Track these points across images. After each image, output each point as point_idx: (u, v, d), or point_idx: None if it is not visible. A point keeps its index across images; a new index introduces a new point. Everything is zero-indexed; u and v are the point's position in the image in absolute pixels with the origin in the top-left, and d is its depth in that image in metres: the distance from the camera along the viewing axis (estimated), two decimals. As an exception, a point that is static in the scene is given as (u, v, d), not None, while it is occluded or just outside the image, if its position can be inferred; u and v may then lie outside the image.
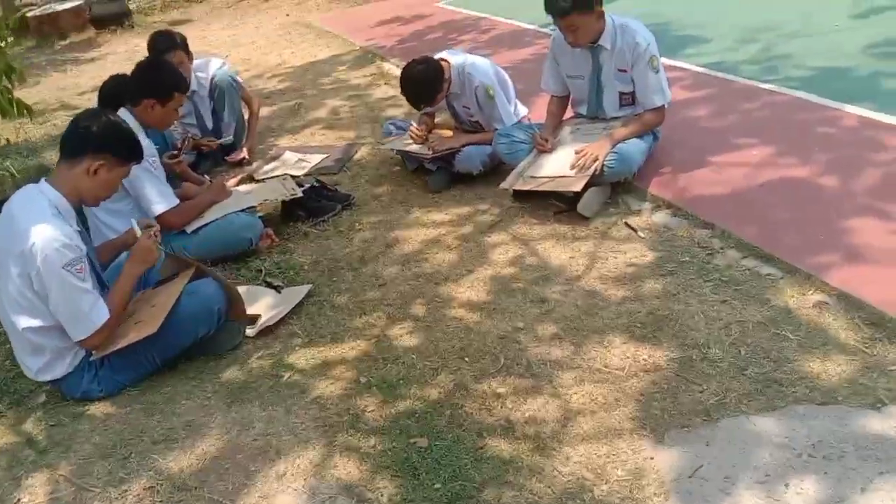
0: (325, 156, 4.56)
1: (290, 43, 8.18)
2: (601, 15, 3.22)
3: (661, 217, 3.18)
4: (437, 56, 3.84)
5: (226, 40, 9.01)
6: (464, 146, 3.78)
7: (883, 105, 3.69)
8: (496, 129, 3.78)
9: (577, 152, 3.34)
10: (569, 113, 3.78)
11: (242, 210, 3.46)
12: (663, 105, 3.37)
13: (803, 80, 4.23)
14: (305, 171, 4.37)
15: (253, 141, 4.74)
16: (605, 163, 3.24)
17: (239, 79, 4.68)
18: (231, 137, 4.70)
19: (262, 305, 3.01)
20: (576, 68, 3.50)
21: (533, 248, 3.15)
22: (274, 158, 4.63)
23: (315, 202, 3.75)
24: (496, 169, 3.83)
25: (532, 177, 3.38)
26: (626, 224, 3.18)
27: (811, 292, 2.54)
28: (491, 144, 3.71)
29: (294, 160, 4.56)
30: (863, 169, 3.18)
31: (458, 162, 3.77)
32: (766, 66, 4.57)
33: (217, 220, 3.34)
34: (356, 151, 4.59)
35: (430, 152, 3.76)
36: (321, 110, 5.54)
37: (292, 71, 6.88)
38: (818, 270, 2.60)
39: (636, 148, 3.30)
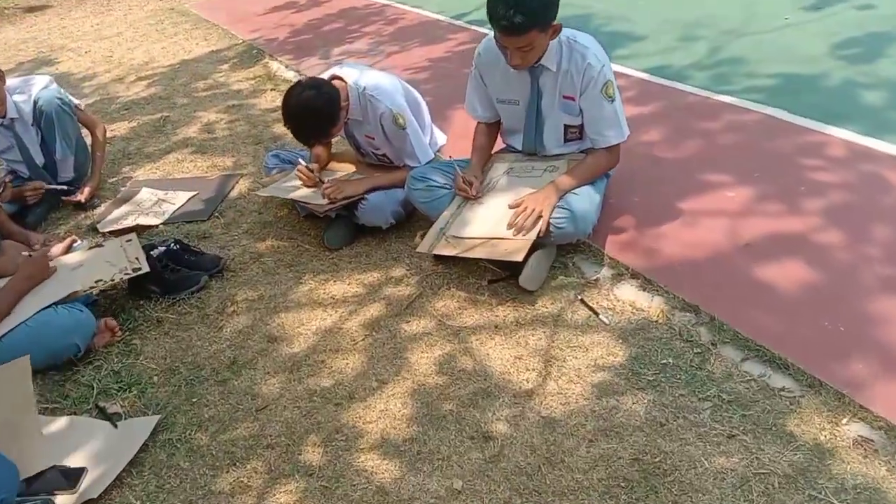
0: (193, 194, 3.62)
1: (161, 35, 7.03)
2: (557, 30, 2.43)
3: (626, 291, 2.46)
4: (328, 74, 2.97)
5: (88, 31, 7.75)
6: (368, 192, 2.94)
7: (872, 128, 3.09)
8: (407, 165, 2.99)
9: (512, 206, 2.57)
10: (499, 143, 2.99)
11: (65, 299, 2.51)
12: (619, 143, 2.64)
13: (766, 91, 3.60)
14: (167, 216, 3.43)
15: (96, 178, 3.73)
16: (552, 221, 2.49)
17: (73, 99, 3.64)
18: (70, 175, 3.69)
19: (90, 451, 2.12)
20: (508, 91, 2.71)
21: (465, 341, 2.37)
22: (126, 199, 3.64)
23: (172, 272, 2.84)
24: (412, 215, 3.02)
25: (457, 237, 2.58)
26: (583, 302, 2.45)
27: (846, 420, 1.87)
28: (403, 187, 2.88)
29: (152, 201, 3.60)
30: (872, 220, 2.56)
31: (361, 213, 2.93)
32: (717, 73, 3.92)
33: (27, 321, 2.39)
34: (233, 186, 3.67)
35: (325, 201, 2.90)
36: (192, 126, 4.55)
37: (161, 72, 5.79)
38: (850, 386, 1.94)
39: (590, 200, 2.55)
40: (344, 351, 2.41)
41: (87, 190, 3.62)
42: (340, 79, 2.92)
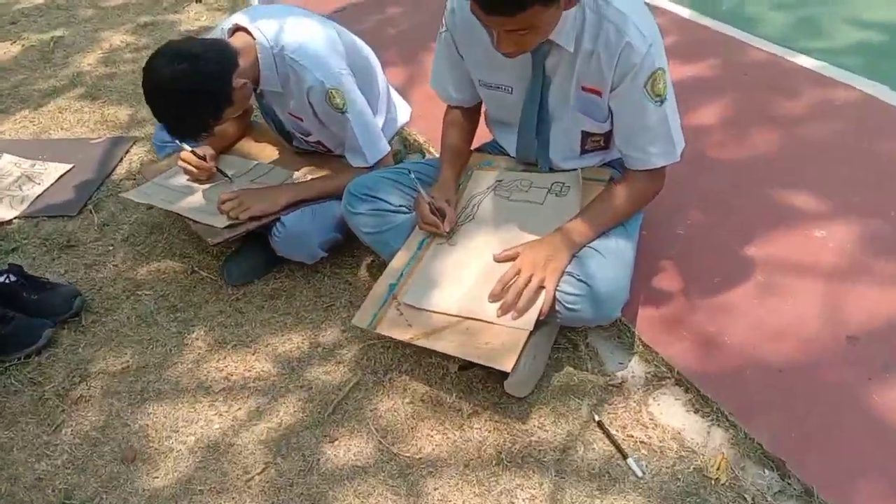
0: (68, 168, 2.67)
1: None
2: (572, -1, 1.43)
3: (668, 410, 1.60)
4: (230, 23, 1.97)
5: None
6: (288, 208, 1.99)
7: None
8: (343, 156, 2.06)
9: (498, 260, 1.66)
10: (481, 134, 2.02)
11: None
12: (665, 166, 1.69)
13: (868, 53, 2.57)
14: (25, 206, 2.48)
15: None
16: (560, 297, 1.58)
17: None
18: None
19: None
20: (496, 72, 1.73)
21: (417, 491, 1.52)
22: (-21, 171, 2.68)
23: (3, 322, 1.93)
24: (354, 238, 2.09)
25: (413, 307, 1.67)
26: (601, 427, 1.59)
27: None
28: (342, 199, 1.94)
29: (14, 176, 2.64)
30: None
31: (276, 244, 2.00)
32: (796, 20, 2.87)
33: None
34: (122, 158, 2.71)
35: (224, 222, 1.97)
36: (89, 55, 3.48)
37: (67, -31, 4.58)
38: None
39: (619, 263, 1.61)
40: (230, 493, 1.56)
41: (-81, 159, 2.65)
42: (247, 31, 1.91)
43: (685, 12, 3.02)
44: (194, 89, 1.72)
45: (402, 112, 2.32)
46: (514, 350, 1.52)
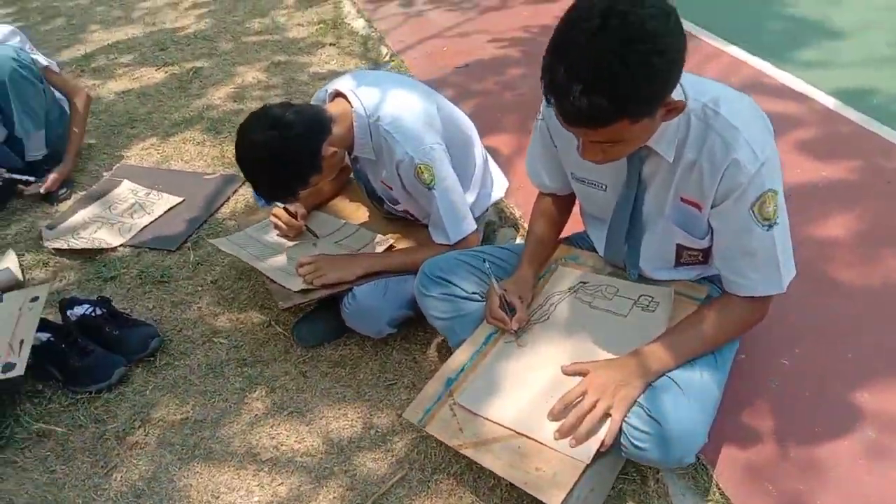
0: (178, 201, 2.78)
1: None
2: (679, 108, 1.29)
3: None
4: (330, 88, 1.96)
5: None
6: (363, 278, 1.95)
7: None
8: (427, 229, 1.99)
9: (566, 372, 1.52)
10: (572, 224, 1.89)
11: None
12: (771, 295, 1.49)
13: None
14: (132, 234, 2.60)
15: (70, 161, 2.92)
16: (626, 431, 1.42)
17: (41, 59, 2.81)
18: (42, 152, 2.92)
19: None
20: (590, 170, 1.60)
21: None
22: (100, 196, 2.84)
23: (81, 355, 2.00)
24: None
25: (468, 410, 1.56)
26: (657, 583, 1.41)
27: None
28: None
29: (128, 203, 2.78)
30: None
31: (347, 314, 1.95)
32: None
33: None
34: (230, 196, 2.79)
35: (299, 285, 1.95)
36: (222, 88, 3.65)
37: (219, 2, 4.88)
38: None
39: (700, 402, 1.42)
40: (253, 580, 1.51)
41: (51, 178, 2.83)
42: (344, 97, 1.90)
43: (829, 101, 2.74)
44: (281, 157, 1.71)
45: (498, 187, 2.24)
46: (565, 483, 1.38)
